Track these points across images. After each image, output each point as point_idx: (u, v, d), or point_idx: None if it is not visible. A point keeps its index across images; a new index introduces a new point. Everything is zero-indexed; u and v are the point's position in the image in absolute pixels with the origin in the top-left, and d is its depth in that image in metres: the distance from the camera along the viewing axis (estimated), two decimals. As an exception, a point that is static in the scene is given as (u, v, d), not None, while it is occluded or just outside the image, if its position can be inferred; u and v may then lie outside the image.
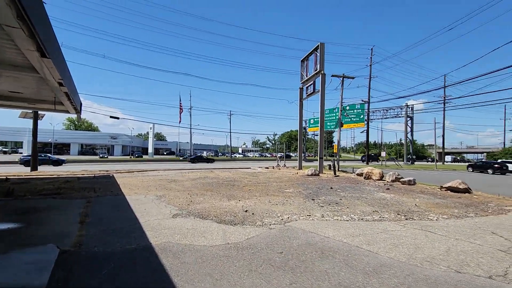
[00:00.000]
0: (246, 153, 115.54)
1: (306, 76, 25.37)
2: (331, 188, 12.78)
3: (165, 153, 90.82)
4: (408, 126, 57.62)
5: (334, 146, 30.86)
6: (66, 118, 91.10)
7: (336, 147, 28.67)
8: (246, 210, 7.46)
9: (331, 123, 31.60)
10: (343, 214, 7.30)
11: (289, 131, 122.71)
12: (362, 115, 32.49)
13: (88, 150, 73.96)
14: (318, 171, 20.89)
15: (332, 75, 26.35)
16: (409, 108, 56.53)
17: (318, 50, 22.50)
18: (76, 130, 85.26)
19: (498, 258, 4.02)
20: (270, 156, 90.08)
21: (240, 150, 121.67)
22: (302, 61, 26.10)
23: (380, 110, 56.95)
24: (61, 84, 8.17)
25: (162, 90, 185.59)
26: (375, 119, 57.80)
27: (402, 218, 6.90)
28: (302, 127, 32.06)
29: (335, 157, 26.79)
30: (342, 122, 29.29)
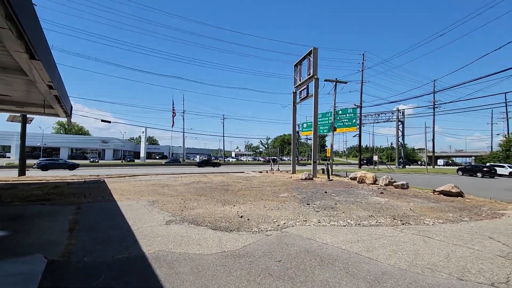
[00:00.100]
0: (239, 157, 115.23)
1: (300, 80, 25.46)
2: (326, 192, 12.74)
3: (157, 157, 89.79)
4: (399, 131, 58.38)
5: (327, 150, 31.02)
6: (56, 122, 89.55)
7: (329, 151, 28.77)
8: (241, 216, 7.32)
9: (324, 127, 31.75)
10: (340, 219, 7.23)
11: (282, 135, 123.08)
12: (354, 119, 32.74)
13: (78, 154, 72.59)
14: (312, 175, 20.89)
15: (325, 80, 26.56)
16: (400, 112, 57.33)
17: (311, 55, 22.63)
18: (66, 134, 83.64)
19: (499, 265, 3.98)
20: (263, 160, 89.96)
21: (233, 154, 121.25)
22: (295, 65, 26.21)
23: (372, 114, 57.70)
24: (50, 87, 7.94)
25: (154, 94, 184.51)
26: (367, 123, 58.51)
27: (399, 223, 6.86)
28: (296, 131, 32.13)
29: (328, 161, 26.87)
30: (335, 126, 29.43)
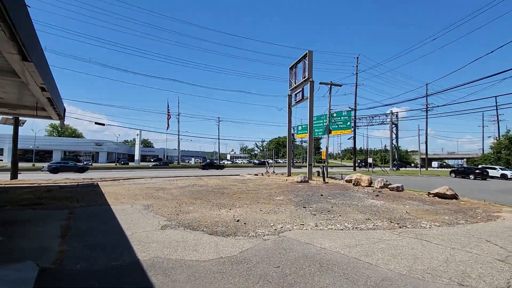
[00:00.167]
0: (234, 159, 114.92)
1: (295, 83, 25.55)
2: (322, 195, 12.72)
3: (152, 160, 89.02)
4: (393, 133, 58.86)
5: (322, 152, 31.06)
6: (48, 124, 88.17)
7: (324, 154, 28.81)
8: (238, 220, 7.24)
9: (319, 130, 31.88)
10: (337, 222, 7.20)
11: (277, 138, 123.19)
12: (349, 122, 32.99)
13: (71, 157, 71.58)
14: (308, 178, 20.89)
15: (320, 83, 26.60)
16: (394, 115, 57.85)
17: (307, 58, 22.73)
18: (59, 136, 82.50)
19: (498, 269, 3.97)
20: (258, 162, 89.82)
21: (228, 157, 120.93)
22: (291, 68, 26.29)
23: (366, 117, 58.07)
24: (43, 89, 7.79)
25: (149, 96, 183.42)
26: (361, 126, 58.83)
27: (396, 226, 6.85)
28: (291, 134, 32.18)
29: (324, 163, 26.90)
30: (330, 129, 29.53)
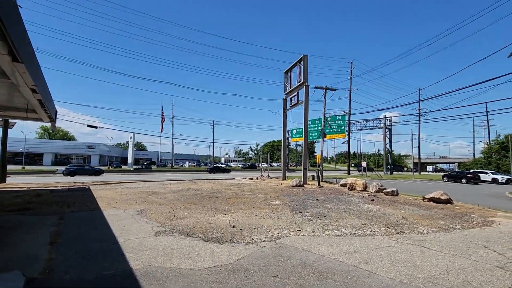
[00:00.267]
0: (229, 163, 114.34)
1: (290, 87, 25.61)
2: (317, 199, 12.65)
3: (145, 163, 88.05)
4: (386, 137, 59.40)
5: (316, 156, 31.07)
6: (39, 127, 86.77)
7: (319, 157, 28.82)
8: (233, 226, 7.11)
9: (314, 134, 31.92)
10: (334, 228, 7.11)
11: (271, 141, 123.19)
12: (343, 126, 33.08)
13: (62, 160, 70.41)
14: (303, 182, 20.83)
15: (315, 87, 26.70)
16: (387, 120, 58.45)
17: (302, 62, 22.83)
18: (50, 139, 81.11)
19: (498, 276, 3.92)
20: (249, 165, 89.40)
21: (222, 160, 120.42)
22: (286, 72, 26.36)
23: (360, 121, 58.59)
24: (34, 90, 7.59)
25: (143, 99, 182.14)
26: (355, 130, 59.32)
27: (393, 232, 6.80)
28: (286, 138, 32.16)
29: (318, 167, 26.90)
30: (325, 133, 29.60)
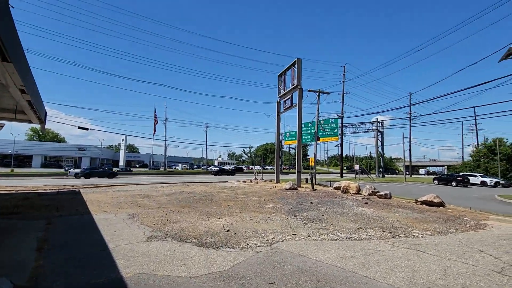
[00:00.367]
0: (222, 165, 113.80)
1: (284, 90, 25.63)
2: (312, 203, 12.60)
3: (137, 165, 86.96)
4: (378, 140, 59.99)
5: (310, 159, 31.12)
6: (29, 128, 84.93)
7: (312, 160, 28.85)
8: (227, 230, 6.98)
9: (307, 137, 32.01)
10: (329, 232, 7.05)
11: (264, 144, 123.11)
12: (336, 129, 33.26)
13: (52, 162, 68.94)
14: (296, 185, 20.78)
15: (308, 90, 26.79)
16: (379, 123, 59.07)
17: (296, 66, 22.89)
18: (40, 141, 79.38)
19: (497, 281, 3.90)
20: (246, 168, 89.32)
21: (216, 163, 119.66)
22: (280, 75, 26.40)
23: (352, 124, 59.02)
24: (23, 91, 7.35)
25: (135, 101, 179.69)
26: (348, 133, 59.73)
27: (389, 235, 6.77)
28: (279, 141, 32.17)
29: (312, 170, 26.92)
30: (318, 136, 29.70)
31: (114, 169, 51.61)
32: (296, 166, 23.60)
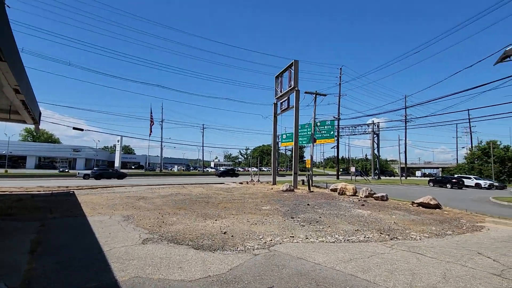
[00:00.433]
0: (218, 167, 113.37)
1: (281, 92, 25.64)
2: (308, 204, 12.56)
3: (133, 167, 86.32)
4: (374, 142, 60.32)
5: (306, 161, 31.11)
6: (23, 129, 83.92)
7: (309, 162, 28.84)
8: (224, 232, 6.90)
9: (303, 139, 32.01)
10: (327, 234, 7.00)
11: (261, 146, 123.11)
12: (332, 131, 33.32)
13: (46, 163, 68.18)
14: (293, 187, 20.75)
15: (305, 92, 26.87)
16: (375, 125, 59.42)
17: (293, 67, 22.91)
18: (34, 141, 78.45)
19: (496, 285, 3.87)
20: (243, 170, 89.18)
21: (212, 164, 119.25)
22: (277, 77, 26.41)
23: (349, 126, 59.36)
24: (17, 91, 7.23)
25: (131, 101, 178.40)
26: (344, 135, 60.01)
27: (387, 238, 6.74)
28: (276, 142, 32.14)
29: (308, 172, 26.92)
30: (315, 138, 29.72)
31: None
32: (292, 168, 23.56)
